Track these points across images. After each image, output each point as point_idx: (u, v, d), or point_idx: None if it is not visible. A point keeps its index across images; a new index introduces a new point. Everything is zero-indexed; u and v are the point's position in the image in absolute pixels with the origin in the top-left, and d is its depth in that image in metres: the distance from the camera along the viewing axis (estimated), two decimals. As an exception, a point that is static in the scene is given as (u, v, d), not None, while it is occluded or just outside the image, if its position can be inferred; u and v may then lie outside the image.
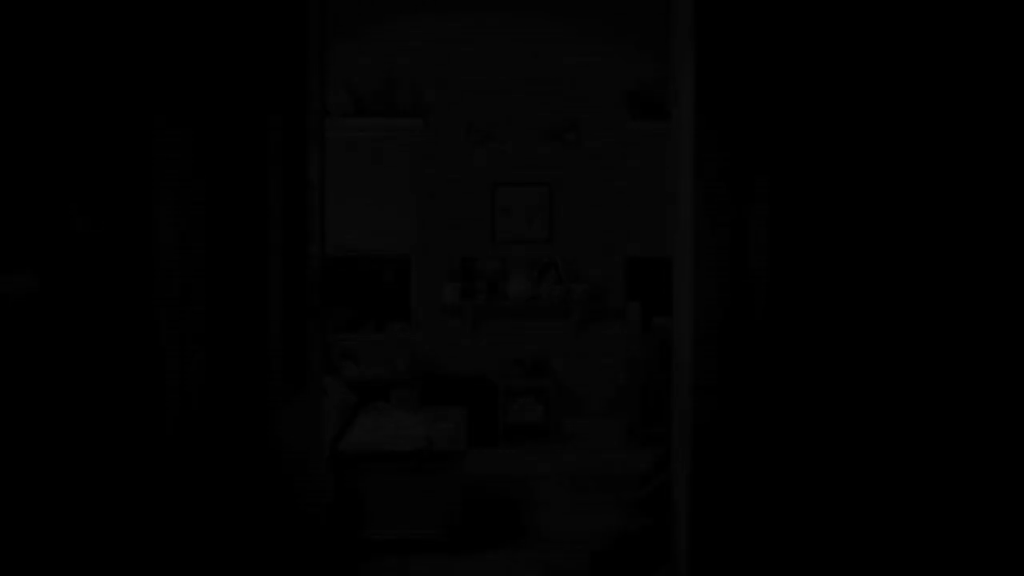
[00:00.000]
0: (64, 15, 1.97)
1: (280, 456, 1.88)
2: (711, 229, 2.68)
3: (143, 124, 1.76)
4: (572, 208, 7.15)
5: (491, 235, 7.15)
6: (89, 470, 1.92)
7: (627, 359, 7.09)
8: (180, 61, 1.86)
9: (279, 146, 2.03)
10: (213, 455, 1.84)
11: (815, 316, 2.64)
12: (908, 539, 2.65)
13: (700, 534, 2.65)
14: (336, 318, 7.15)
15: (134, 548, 1.90)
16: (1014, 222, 2.58)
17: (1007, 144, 2.58)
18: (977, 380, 2.59)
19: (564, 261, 7.13)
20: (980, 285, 2.60)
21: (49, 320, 1.92)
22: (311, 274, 2.32)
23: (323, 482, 2.65)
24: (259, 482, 1.85)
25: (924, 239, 2.62)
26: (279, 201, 1.95)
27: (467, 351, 7.13)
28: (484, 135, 7.09)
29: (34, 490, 1.94)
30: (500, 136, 7.11)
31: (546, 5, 7.06)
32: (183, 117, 1.83)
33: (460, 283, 7.03)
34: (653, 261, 7.21)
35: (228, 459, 1.84)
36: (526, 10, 7.06)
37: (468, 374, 7.04)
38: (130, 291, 1.83)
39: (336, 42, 6.90)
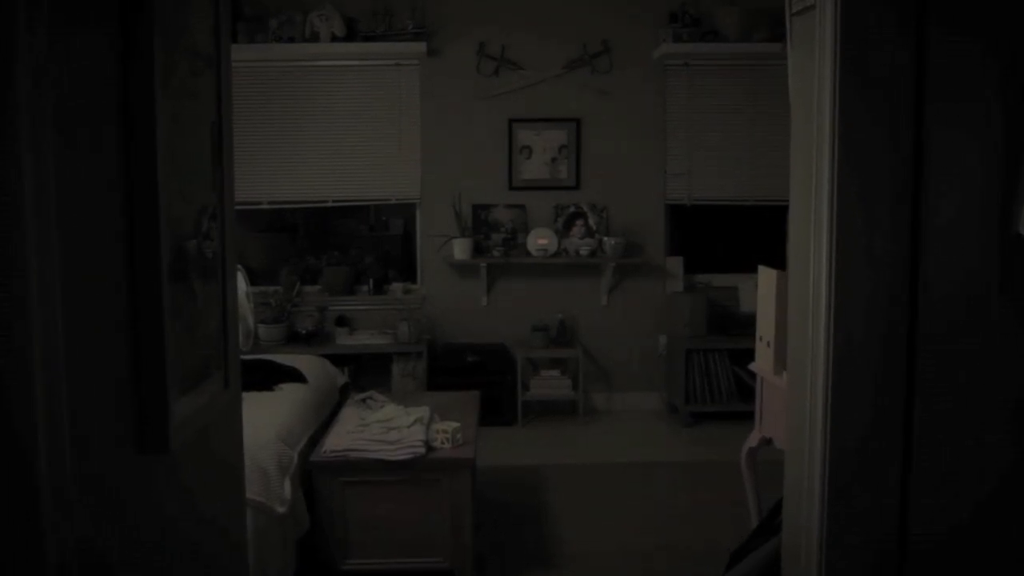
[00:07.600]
0: None
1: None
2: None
3: None
4: (603, 148, 6.08)
5: (508, 180, 6.11)
6: None
7: (668, 324, 6.10)
8: None
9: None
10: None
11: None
12: None
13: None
14: (328, 278, 6.18)
15: None
16: None
17: None
18: None
19: (594, 210, 6.08)
20: None
21: None
22: (176, 241, 1.34)
23: None
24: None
25: None
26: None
27: (481, 316, 6.14)
28: (499, 62, 6.01)
29: None
30: (518, 63, 6.03)
31: (572, -97, 5.90)
32: None
33: (472, 237, 6.02)
34: (698, 209, 6.20)
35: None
36: (548, -91, 5.91)
37: (482, 343, 6.06)
38: None
39: (322, -49, 5.81)
